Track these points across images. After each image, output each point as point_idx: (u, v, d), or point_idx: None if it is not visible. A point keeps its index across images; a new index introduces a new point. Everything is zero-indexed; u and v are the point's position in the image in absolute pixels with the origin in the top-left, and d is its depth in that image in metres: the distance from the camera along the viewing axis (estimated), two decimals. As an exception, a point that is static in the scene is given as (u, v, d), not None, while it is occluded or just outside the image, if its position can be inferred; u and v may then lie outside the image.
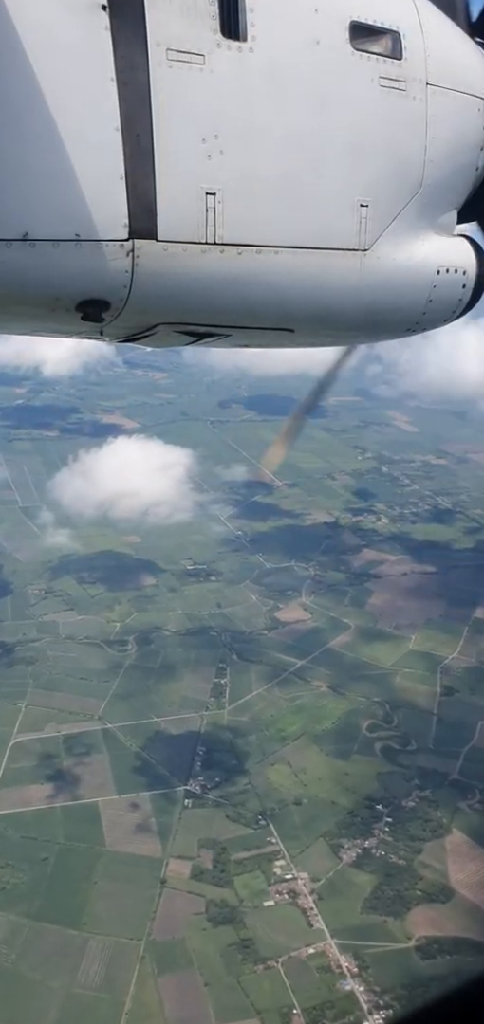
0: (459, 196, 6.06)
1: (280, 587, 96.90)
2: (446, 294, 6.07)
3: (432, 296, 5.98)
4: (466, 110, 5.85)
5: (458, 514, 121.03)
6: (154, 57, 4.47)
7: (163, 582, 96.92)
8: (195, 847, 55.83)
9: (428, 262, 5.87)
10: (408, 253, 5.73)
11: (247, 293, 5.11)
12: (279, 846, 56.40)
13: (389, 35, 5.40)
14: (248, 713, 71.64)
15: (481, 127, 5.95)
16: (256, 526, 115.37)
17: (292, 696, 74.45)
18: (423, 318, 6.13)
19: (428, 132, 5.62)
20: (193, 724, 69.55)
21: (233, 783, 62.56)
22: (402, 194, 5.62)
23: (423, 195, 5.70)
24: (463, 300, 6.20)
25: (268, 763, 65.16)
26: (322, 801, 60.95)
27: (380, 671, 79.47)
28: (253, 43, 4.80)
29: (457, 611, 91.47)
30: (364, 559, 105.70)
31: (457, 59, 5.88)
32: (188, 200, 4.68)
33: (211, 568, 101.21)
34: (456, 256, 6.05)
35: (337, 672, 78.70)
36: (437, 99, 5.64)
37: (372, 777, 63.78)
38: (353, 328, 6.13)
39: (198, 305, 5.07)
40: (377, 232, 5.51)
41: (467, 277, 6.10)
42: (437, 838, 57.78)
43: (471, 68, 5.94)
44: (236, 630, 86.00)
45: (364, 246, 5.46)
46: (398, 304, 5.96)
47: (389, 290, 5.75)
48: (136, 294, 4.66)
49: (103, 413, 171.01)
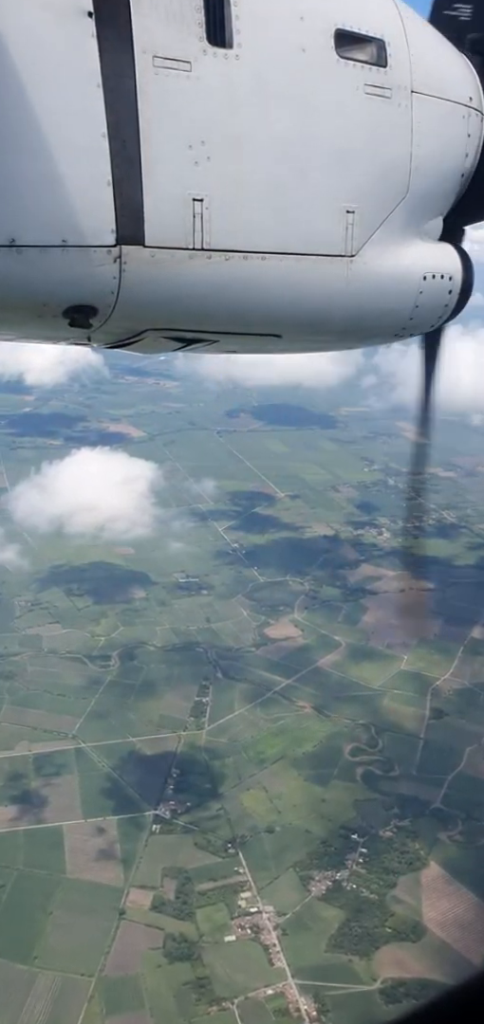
0: (445, 203, 6.10)
1: (272, 602, 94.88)
2: (433, 300, 6.11)
3: (419, 302, 6.02)
4: (451, 117, 5.91)
5: (462, 529, 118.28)
6: (140, 64, 4.48)
7: (153, 595, 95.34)
8: (159, 876, 53.99)
9: (414, 268, 5.92)
10: (395, 259, 5.77)
11: (234, 299, 5.13)
12: (246, 876, 54.41)
13: (374, 43, 5.44)
14: (227, 734, 69.72)
15: (465, 134, 5.99)
16: (253, 538, 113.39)
17: (274, 717, 72.42)
18: (410, 324, 6.15)
19: (413, 139, 5.66)
20: (169, 745, 67.79)
21: (205, 808, 60.65)
22: (388, 201, 5.65)
23: (409, 201, 5.73)
24: (449, 306, 6.24)
25: (243, 787, 63.19)
26: (296, 829, 58.87)
27: (368, 692, 77.21)
28: (239, 50, 4.82)
29: (453, 630, 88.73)
30: (361, 574, 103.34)
31: (441, 67, 5.94)
32: (175, 206, 4.69)
33: (203, 581, 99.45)
34: (442, 262, 6.11)
35: (323, 692, 76.58)
36: (422, 106, 5.69)
37: (350, 804, 61.57)
38: (340, 334, 6.12)
39: (186, 311, 5.08)
40: (363, 238, 5.53)
41: (453, 283, 6.16)
42: (413, 871, 55.46)
43: (455, 76, 6.00)
44: (223, 646, 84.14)
45: (351, 252, 5.48)
46: (385, 310, 5.99)
47: (376, 296, 5.79)
48: (124, 300, 4.67)
49: (110, 422, 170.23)
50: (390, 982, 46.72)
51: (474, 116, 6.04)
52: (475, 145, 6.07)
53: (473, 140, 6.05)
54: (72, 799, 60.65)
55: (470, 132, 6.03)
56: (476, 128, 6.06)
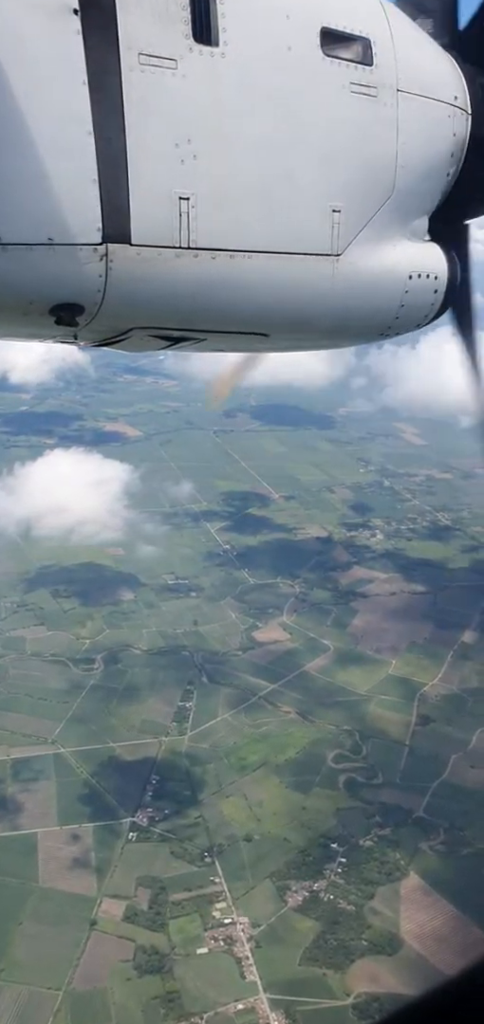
0: (430, 202, 6.10)
1: (262, 605, 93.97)
2: (418, 299, 6.12)
3: (404, 301, 6.03)
4: (436, 117, 5.91)
5: (457, 531, 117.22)
6: (126, 61, 4.46)
7: (141, 597, 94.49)
8: (132, 885, 53.22)
9: (400, 267, 5.91)
10: (380, 258, 5.76)
11: (221, 297, 5.12)
12: (222, 887, 53.61)
13: (360, 42, 5.42)
14: (210, 740, 68.88)
15: (451, 134, 5.98)
16: (246, 540, 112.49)
17: (258, 723, 71.54)
18: (396, 323, 6.15)
19: (399, 138, 5.64)
20: (150, 750, 66.98)
21: (183, 815, 59.86)
22: (374, 200, 5.62)
23: (395, 201, 5.71)
24: (435, 305, 6.25)
25: (223, 795, 62.35)
26: (274, 838, 58.02)
27: (354, 697, 76.31)
28: (225, 48, 4.80)
29: (443, 634, 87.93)
30: (353, 577, 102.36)
31: (427, 66, 5.93)
32: (161, 204, 4.67)
33: (193, 583, 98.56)
34: (428, 262, 6.10)
35: (309, 697, 75.72)
36: (408, 105, 5.67)
37: (331, 813, 60.72)
38: (327, 332, 6.12)
39: (172, 309, 5.06)
40: (349, 237, 5.53)
41: (439, 282, 6.17)
42: (392, 882, 54.62)
43: (441, 75, 6.00)
44: (209, 650, 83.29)
45: (337, 251, 5.47)
46: (371, 309, 5.99)
47: (362, 295, 5.79)
48: (110, 298, 4.65)
49: (106, 421, 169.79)
50: (364, 997, 45.88)
51: (459, 115, 6.02)
52: (460, 144, 6.06)
53: (458, 139, 6.04)
54: (48, 805, 59.87)
55: (455, 131, 6.01)
56: (461, 127, 6.03)
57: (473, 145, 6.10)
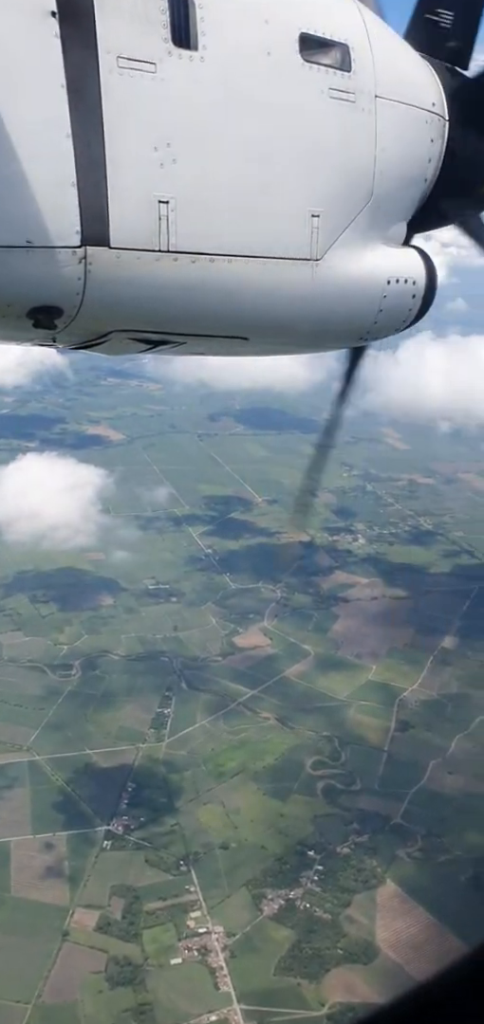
0: (408, 208, 6.10)
1: (243, 610, 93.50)
2: (396, 304, 6.13)
3: (383, 306, 6.03)
4: (414, 123, 5.90)
5: (439, 536, 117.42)
6: (105, 64, 4.41)
7: (121, 602, 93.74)
8: (106, 895, 52.49)
9: (379, 272, 5.91)
10: (359, 263, 5.76)
11: (201, 301, 5.08)
12: (197, 895, 53.00)
13: (338, 47, 5.42)
14: (187, 746, 68.26)
15: (429, 140, 6.00)
16: (228, 544, 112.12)
17: (236, 729, 71.00)
18: (374, 327, 6.16)
19: (377, 144, 5.63)
20: (127, 757, 66.25)
21: (159, 823, 59.18)
22: (353, 205, 5.62)
23: (373, 206, 5.71)
24: (413, 310, 6.26)
25: (200, 802, 61.74)
26: (251, 845, 57.48)
27: (334, 703, 75.93)
28: (204, 52, 4.76)
29: (424, 640, 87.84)
30: (334, 582, 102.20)
31: (405, 72, 5.93)
32: (141, 208, 4.64)
33: (173, 588, 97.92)
34: (406, 267, 6.11)
35: (288, 704, 75.25)
36: (386, 111, 5.65)
37: (309, 820, 60.26)
38: (306, 337, 6.14)
39: (152, 313, 5.03)
40: (328, 242, 5.52)
41: (417, 288, 6.18)
42: (368, 890, 54.22)
43: (418, 81, 6.00)
44: (189, 655, 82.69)
45: (316, 256, 5.47)
46: (349, 313, 6.01)
47: (341, 300, 5.80)
48: (89, 301, 4.60)
49: (89, 424, 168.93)
50: (338, 1007, 45.43)
51: (437, 122, 6.05)
52: (438, 151, 6.09)
53: (436, 146, 6.06)
54: (22, 814, 59.03)
55: (433, 137, 6.04)
56: (439, 134, 6.06)
57: (450, 151, 6.14)
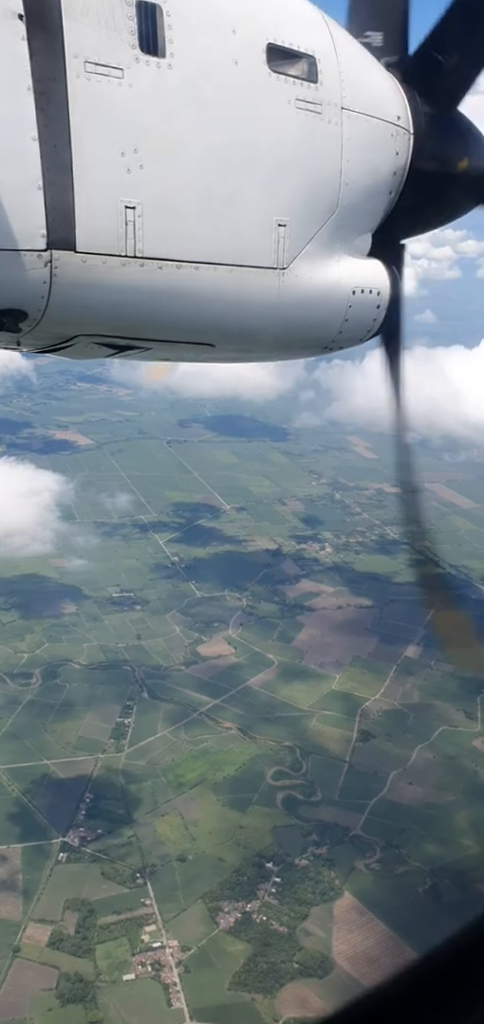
0: (373, 219, 6.13)
1: (207, 618, 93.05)
2: (361, 314, 6.18)
3: (348, 316, 6.09)
4: (380, 135, 5.93)
5: (404, 545, 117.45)
6: (72, 68, 4.39)
7: (84, 610, 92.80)
8: (60, 909, 51.60)
9: (344, 283, 5.97)
10: (325, 273, 5.81)
11: (167, 307, 5.09)
12: (153, 909, 52.34)
13: (305, 59, 5.44)
14: (147, 757, 67.58)
15: (394, 153, 6.03)
16: (194, 552, 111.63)
17: (197, 739, 70.48)
18: (339, 337, 6.22)
19: (343, 155, 5.67)
20: (85, 767, 65.38)
21: (116, 835, 58.44)
22: (319, 215, 5.66)
23: (339, 217, 5.76)
24: (377, 321, 6.30)
25: (158, 813, 61.09)
26: (209, 857, 56.96)
27: (296, 713, 75.75)
28: (172, 60, 4.75)
29: (387, 649, 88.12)
30: (300, 590, 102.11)
31: (371, 85, 5.95)
32: (107, 213, 4.62)
33: (138, 596, 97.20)
34: (371, 278, 6.17)
35: (250, 713, 74.91)
36: (352, 123, 5.69)
37: (267, 831, 59.89)
38: (272, 345, 6.17)
39: (118, 318, 5.02)
40: (295, 252, 5.54)
41: (381, 298, 6.24)
42: (326, 902, 53.94)
43: (384, 94, 6.02)
44: (151, 665, 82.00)
45: (282, 265, 5.49)
46: (315, 323, 6.05)
47: (306, 309, 5.84)
48: (54, 305, 4.58)
49: (57, 429, 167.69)
50: (292, 1023, 45.01)
51: (402, 135, 6.08)
52: (403, 163, 6.11)
53: (401, 158, 6.09)
54: (-24, 826, 58.01)
55: (398, 150, 6.06)
56: (404, 147, 6.09)
57: (415, 164, 6.17)
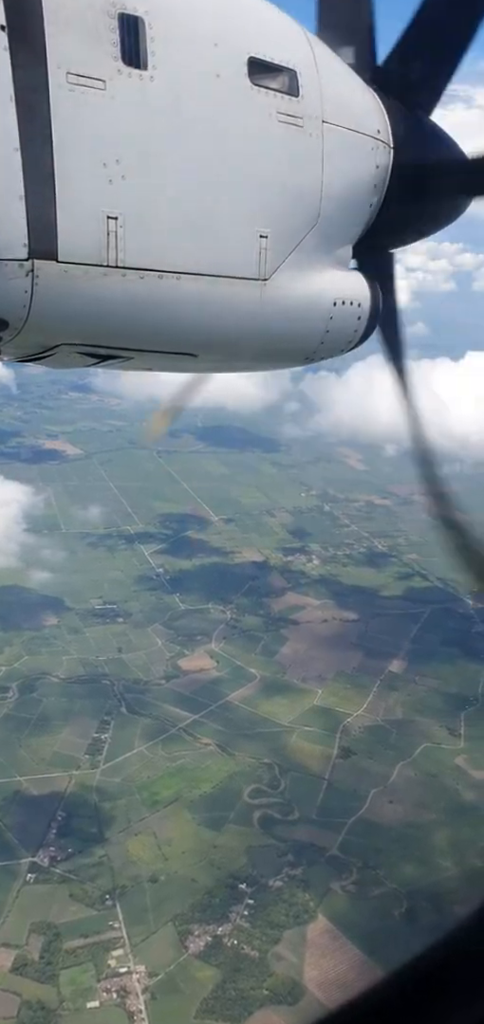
0: (354, 232, 6.20)
1: (190, 631, 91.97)
2: (342, 325, 6.24)
3: (329, 327, 6.15)
4: (360, 149, 6.00)
5: (392, 558, 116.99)
6: (54, 79, 4.40)
7: (65, 622, 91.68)
8: (25, 932, 50.42)
9: (325, 294, 6.03)
10: (306, 284, 5.85)
11: (149, 317, 5.08)
12: (121, 932, 51.19)
13: (286, 72, 5.47)
14: (123, 773, 66.45)
15: (374, 166, 6.11)
16: (180, 563, 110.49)
17: (175, 755, 69.38)
18: (321, 347, 6.27)
19: (324, 168, 5.71)
20: (59, 784, 64.22)
21: (87, 854, 57.26)
22: (300, 227, 5.69)
23: (320, 229, 5.79)
24: (358, 332, 6.36)
25: (131, 832, 59.95)
26: (181, 878, 55.82)
27: (277, 728, 74.68)
28: (154, 72, 4.78)
29: (371, 664, 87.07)
30: (285, 603, 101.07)
31: (351, 99, 6.02)
32: (89, 222, 4.62)
33: (121, 608, 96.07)
34: (352, 289, 6.24)
35: (230, 729, 73.84)
36: (332, 136, 5.73)
37: (242, 851, 58.79)
38: (254, 355, 6.20)
39: (99, 327, 5.02)
40: (276, 263, 5.58)
41: (362, 310, 6.29)
42: (299, 925, 52.86)
43: (364, 109, 6.09)
44: (131, 678, 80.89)
45: (264, 276, 5.51)
46: (296, 333, 6.11)
47: (288, 320, 5.88)
48: (35, 314, 4.59)
49: (46, 438, 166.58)
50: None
51: (382, 148, 6.13)
52: (383, 176, 6.17)
53: (381, 171, 6.14)
54: None
55: (378, 164, 6.11)
56: (383, 160, 6.14)
57: (395, 178, 6.20)
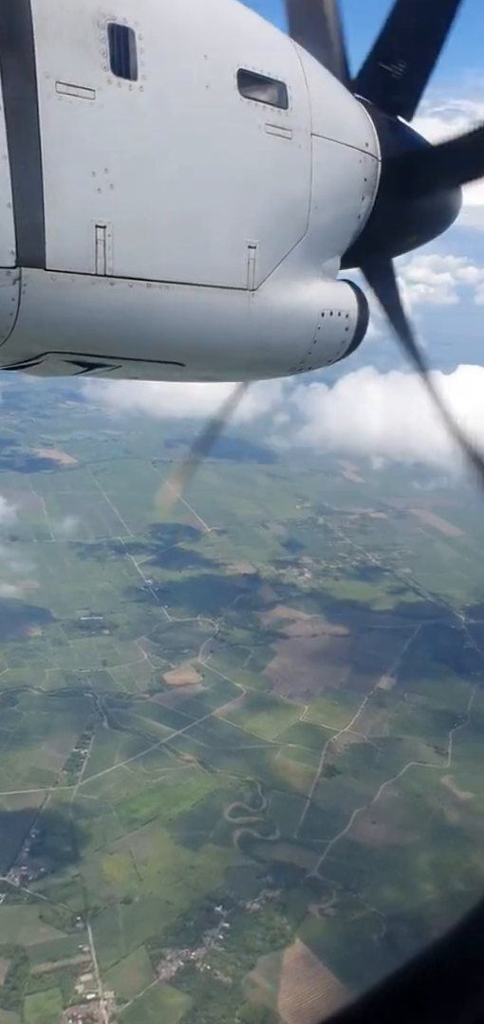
0: (342, 243, 6.21)
1: (177, 644, 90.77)
2: (330, 336, 6.25)
3: (317, 337, 6.15)
4: (348, 161, 6.01)
5: (386, 572, 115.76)
6: (43, 88, 4.40)
7: (51, 633, 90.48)
8: (-8, 955, 49.11)
9: (313, 304, 6.04)
10: (294, 295, 5.87)
11: (137, 326, 5.07)
12: (91, 956, 49.82)
13: (275, 85, 5.49)
14: (101, 790, 65.13)
15: (362, 178, 6.12)
16: (170, 575, 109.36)
17: (155, 772, 68.07)
18: (308, 357, 6.28)
19: (313, 179, 5.72)
20: (35, 801, 62.93)
21: (61, 874, 55.94)
22: (288, 238, 5.70)
23: (308, 240, 5.80)
24: (346, 342, 6.39)
25: (107, 851, 58.59)
26: (156, 900, 54.45)
27: (261, 745, 73.36)
28: (144, 82, 4.78)
29: (360, 679, 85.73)
30: (275, 617, 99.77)
31: (339, 112, 6.03)
32: (77, 231, 4.60)
33: (107, 620, 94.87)
34: (339, 300, 6.27)
35: (212, 745, 72.53)
36: (321, 149, 5.74)
37: (220, 872, 57.44)
38: (242, 364, 6.22)
39: (87, 336, 4.99)
40: (265, 273, 5.59)
41: (349, 320, 6.31)
42: (275, 950, 51.45)
43: (352, 121, 6.10)
44: (115, 692, 79.64)
45: (252, 286, 5.53)
46: (284, 343, 6.09)
47: (276, 330, 5.88)
48: (23, 322, 4.58)
49: (41, 447, 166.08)
50: None
51: (370, 161, 6.14)
52: (371, 189, 6.17)
53: (369, 184, 6.15)
54: None
55: (366, 176, 6.12)
56: (371, 173, 6.15)
57: (382, 190, 6.19)
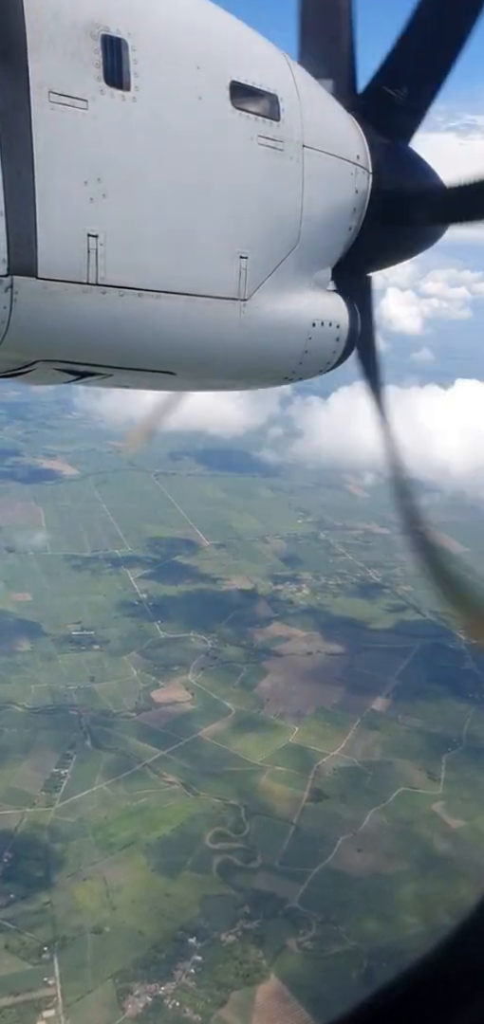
0: (333, 254, 6.31)
1: (167, 661, 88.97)
2: (321, 346, 6.32)
3: (308, 348, 6.23)
4: (340, 173, 6.10)
5: (386, 589, 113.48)
6: (36, 98, 4.42)
7: (39, 648, 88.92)
8: (-48, 987, 47.42)
9: (304, 315, 6.09)
10: (285, 305, 5.93)
11: (128, 335, 5.11)
12: (55, 989, 47.97)
13: (268, 97, 5.53)
14: (78, 812, 63.39)
15: (353, 191, 6.19)
16: (165, 589, 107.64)
17: (136, 794, 66.25)
18: (299, 368, 6.34)
19: (304, 191, 5.79)
20: (9, 823, 61.27)
21: (30, 901, 54.18)
22: (280, 248, 5.76)
23: (300, 251, 5.87)
24: (337, 353, 6.47)
25: (80, 877, 56.78)
26: (127, 930, 52.59)
27: (247, 767, 71.39)
28: (137, 93, 4.81)
29: (353, 700, 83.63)
30: (270, 634, 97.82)
31: (331, 124, 6.10)
32: (69, 240, 4.62)
33: (98, 635, 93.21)
34: (331, 311, 6.33)
35: (197, 766, 70.65)
36: (312, 161, 5.82)
37: (196, 901, 55.49)
38: (233, 374, 6.24)
39: (78, 344, 5.02)
40: (256, 283, 5.65)
41: (341, 331, 6.38)
42: (248, 986, 49.47)
43: (344, 134, 6.19)
44: (100, 710, 77.94)
45: (243, 296, 5.58)
46: (275, 354, 6.14)
47: (267, 340, 5.91)
48: (14, 331, 4.59)
49: (44, 458, 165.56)
50: None
51: (361, 173, 6.20)
52: (362, 201, 6.23)
53: (360, 196, 6.21)
54: None
55: (357, 188, 6.18)
56: (363, 185, 6.21)
57: (373, 203, 6.24)
